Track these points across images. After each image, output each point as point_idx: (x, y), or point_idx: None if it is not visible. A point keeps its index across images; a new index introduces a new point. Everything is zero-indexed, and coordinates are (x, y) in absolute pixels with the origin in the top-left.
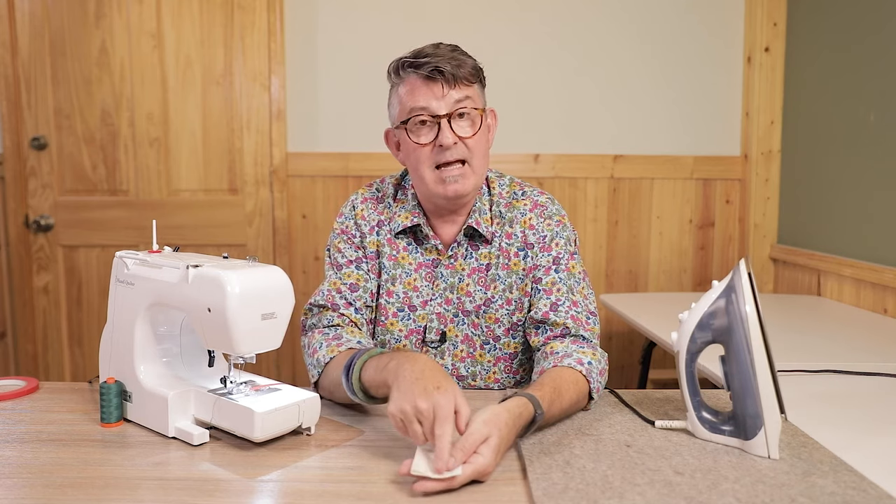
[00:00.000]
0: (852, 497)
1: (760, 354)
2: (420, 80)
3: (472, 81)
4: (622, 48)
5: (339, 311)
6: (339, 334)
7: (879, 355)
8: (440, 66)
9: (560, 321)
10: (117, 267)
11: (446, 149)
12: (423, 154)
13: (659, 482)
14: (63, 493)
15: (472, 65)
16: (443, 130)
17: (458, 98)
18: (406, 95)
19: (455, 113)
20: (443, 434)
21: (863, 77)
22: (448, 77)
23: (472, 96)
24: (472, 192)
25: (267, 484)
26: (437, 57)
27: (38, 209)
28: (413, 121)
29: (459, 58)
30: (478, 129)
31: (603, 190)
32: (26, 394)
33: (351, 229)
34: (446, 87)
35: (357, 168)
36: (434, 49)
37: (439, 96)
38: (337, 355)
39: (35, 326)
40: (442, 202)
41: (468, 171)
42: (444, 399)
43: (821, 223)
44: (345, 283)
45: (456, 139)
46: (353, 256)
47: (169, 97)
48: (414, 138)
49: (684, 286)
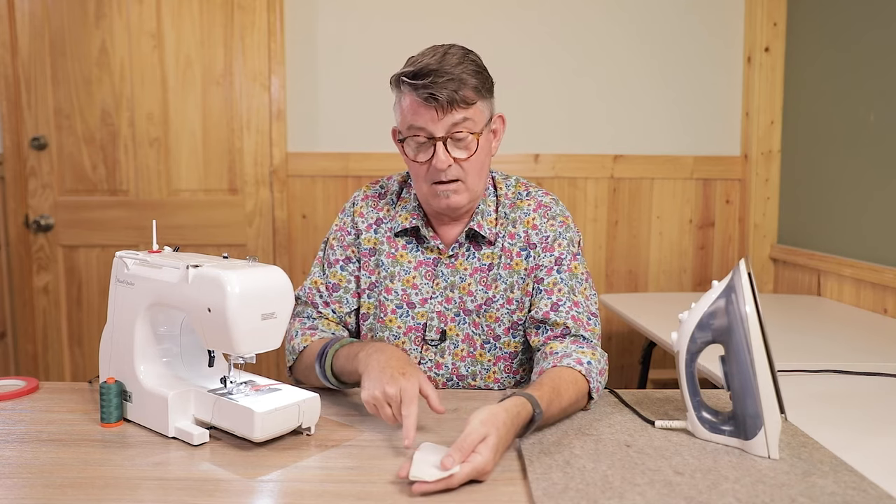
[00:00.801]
0: (852, 497)
1: (760, 354)
2: (418, 101)
3: (472, 102)
4: (622, 48)
5: (318, 310)
6: (314, 325)
7: (879, 355)
8: (436, 94)
9: (560, 321)
10: (117, 267)
11: (440, 170)
12: (420, 170)
13: (659, 482)
14: (63, 493)
15: (476, 83)
16: (437, 153)
17: (454, 122)
18: (406, 110)
19: (451, 135)
20: (409, 414)
21: (863, 77)
22: (443, 104)
23: (472, 117)
24: (468, 204)
25: (267, 484)
26: (440, 76)
27: (38, 209)
28: (411, 139)
29: (462, 75)
30: (473, 151)
31: (603, 190)
32: (26, 394)
33: (347, 226)
34: (441, 113)
35: (357, 168)
36: (438, 62)
37: (436, 119)
38: (310, 344)
39: (35, 326)
40: (440, 211)
41: (462, 187)
42: (408, 384)
43: (821, 223)
44: (327, 283)
45: (451, 162)
46: (342, 256)
47: (169, 97)
48: (411, 155)
49: (684, 286)
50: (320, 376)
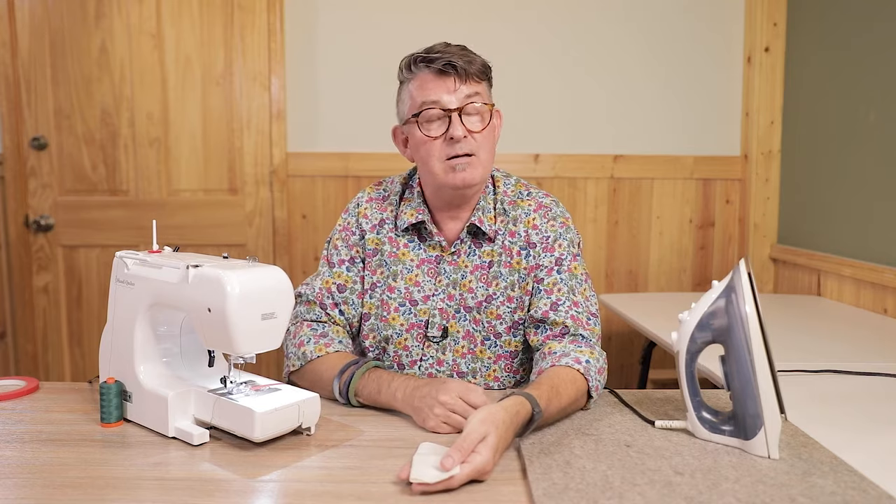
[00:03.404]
0: (852, 497)
1: (760, 354)
2: (432, 75)
3: (481, 79)
4: (622, 48)
5: (326, 311)
6: (325, 332)
7: (879, 355)
8: (453, 61)
9: (560, 320)
10: (117, 267)
11: (457, 141)
12: (433, 147)
13: (659, 482)
14: (63, 493)
15: (482, 63)
16: (453, 124)
17: (468, 93)
18: (417, 90)
19: (465, 107)
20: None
21: (863, 77)
22: (460, 72)
23: (482, 93)
24: (480, 182)
25: (267, 484)
26: (449, 54)
27: (38, 209)
28: (424, 114)
29: (469, 55)
30: (486, 124)
31: (603, 190)
32: (26, 394)
33: (352, 226)
34: (458, 82)
35: (357, 168)
36: (444, 47)
37: (451, 90)
38: (324, 356)
39: (35, 326)
40: (450, 194)
41: (476, 161)
42: (447, 381)
43: (821, 223)
44: (335, 283)
45: (466, 132)
46: (347, 256)
47: (169, 97)
48: (425, 131)
49: (684, 286)
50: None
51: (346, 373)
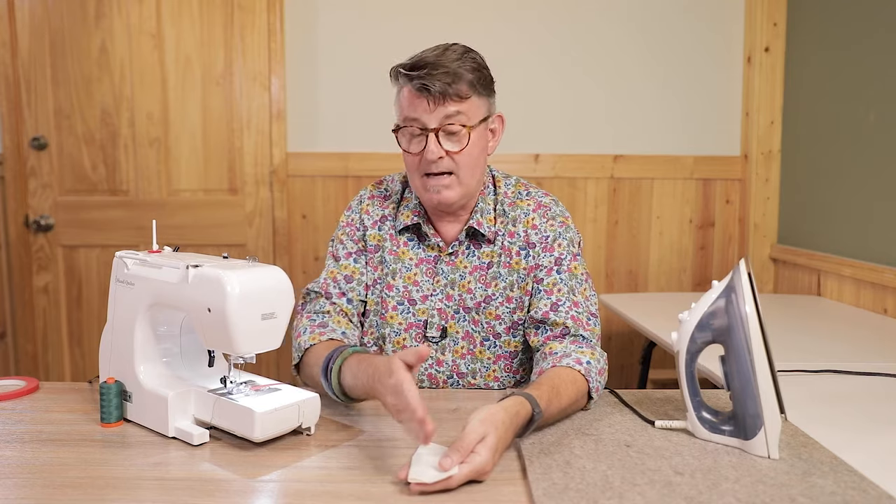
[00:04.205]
0: (852, 497)
1: (760, 354)
2: (412, 91)
3: (466, 96)
4: (622, 48)
5: (332, 300)
6: (324, 322)
7: (879, 355)
8: (428, 85)
9: (560, 321)
10: (117, 267)
11: (431, 161)
12: (412, 162)
13: (659, 482)
14: (63, 493)
15: (472, 79)
16: (429, 144)
17: (447, 114)
18: (403, 102)
19: (443, 127)
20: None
21: (863, 77)
22: (435, 95)
23: (466, 111)
24: (460, 200)
25: (267, 484)
26: (437, 68)
27: (38, 209)
28: (404, 130)
29: (458, 70)
30: (465, 144)
31: (603, 190)
32: (26, 394)
33: (355, 223)
34: (434, 104)
35: (357, 168)
36: (437, 57)
37: (429, 111)
38: (317, 344)
39: (35, 326)
40: (434, 206)
41: (454, 181)
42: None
43: (821, 223)
44: (341, 274)
45: (442, 153)
46: (353, 249)
47: (169, 97)
48: (405, 146)
49: (684, 286)
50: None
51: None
